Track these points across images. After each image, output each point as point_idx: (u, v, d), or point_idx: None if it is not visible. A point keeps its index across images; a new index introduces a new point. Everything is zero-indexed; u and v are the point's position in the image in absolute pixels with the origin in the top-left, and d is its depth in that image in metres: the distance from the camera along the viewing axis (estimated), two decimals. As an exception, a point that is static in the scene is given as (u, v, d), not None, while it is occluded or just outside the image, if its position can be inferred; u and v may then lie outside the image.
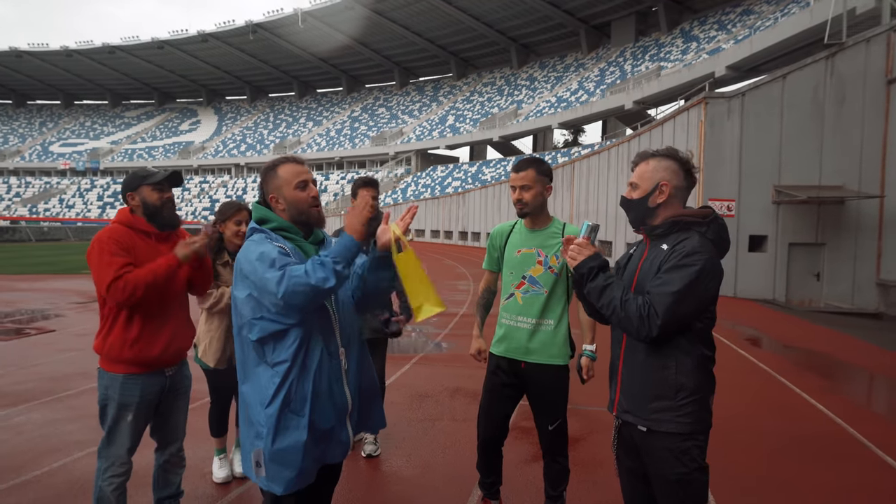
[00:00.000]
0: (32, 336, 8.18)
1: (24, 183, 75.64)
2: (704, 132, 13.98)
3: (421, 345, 7.90)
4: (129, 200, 2.73)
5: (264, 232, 2.05)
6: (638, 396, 2.03)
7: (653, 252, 2.05)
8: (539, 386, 2.93)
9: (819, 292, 14.10)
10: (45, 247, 32.82)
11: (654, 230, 2.06)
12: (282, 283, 1.86)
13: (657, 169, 2.06)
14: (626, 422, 2.09)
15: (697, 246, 1.95)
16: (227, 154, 71.67)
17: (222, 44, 70.06)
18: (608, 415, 2.17)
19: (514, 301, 2.95)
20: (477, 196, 38.68)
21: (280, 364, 1.97)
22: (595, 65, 52.25)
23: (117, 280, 2.52)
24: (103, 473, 2.66)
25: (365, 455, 3.90)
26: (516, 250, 2.96)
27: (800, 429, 4.68)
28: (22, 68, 79.92)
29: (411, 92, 71.97)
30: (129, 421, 2.65)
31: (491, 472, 3.08)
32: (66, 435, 4.32)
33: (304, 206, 2.09)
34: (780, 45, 27.30)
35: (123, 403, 2.64)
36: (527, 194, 2.88)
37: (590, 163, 23.92)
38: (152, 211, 2.71)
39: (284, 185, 2.09)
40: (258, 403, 1.97)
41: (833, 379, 6.86)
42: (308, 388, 1.97)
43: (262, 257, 1.93)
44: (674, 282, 1.90)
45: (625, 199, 2.14)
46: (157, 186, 2.72)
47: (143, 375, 2.67)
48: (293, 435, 1.94)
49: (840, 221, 13.77)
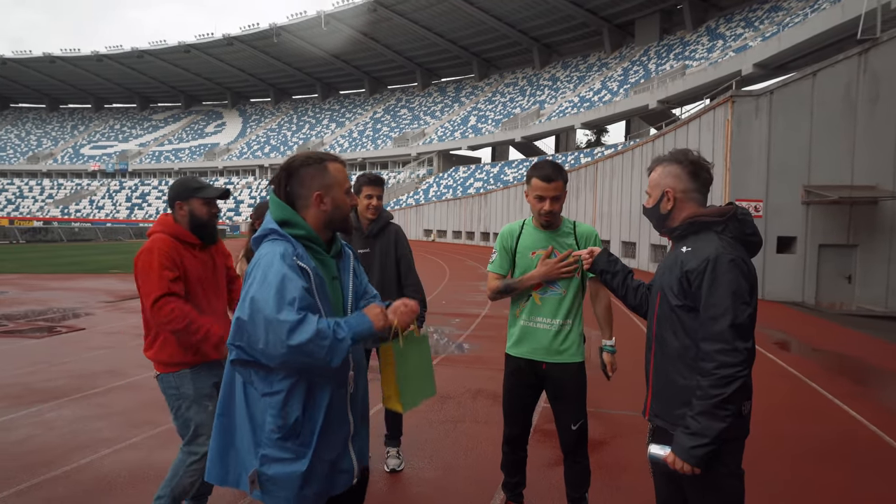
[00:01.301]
0: (63, 334, 8.37)
1: (57, 185, 77.63)
2: (731, 131, 13.73)
3: (443, 346, 7.89)
4: (176, 209, 2.74)
5: (287, 239, 1.81)
6: (668, 401, 2.01)
7: (673, 255, 2.08)
8: (561, 385, 2.90)
9: (850, 295, 13.73)
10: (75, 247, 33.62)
11: (673, 232, 2.09)
12: (296, 333, 1.64)
13: (662, 176, 2.09)
14: (659, 427, 2.06)
15: (712, 251, 1.93)
16: (252, 155, 72.64)
17: (247, 46, 71.03)
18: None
19: (531, 303, 2.92)
20: (499, 197, 38.57)
21: (273, 395, 1.76)
22: (618, 64, 51.74)
23: (166, 302, 2.55)
24: (187, 466, 2.71)
25: (388, 470, 3.77)
26: (530, 252, 2.92)
27: (830, 434, 4.54)
28: (54, 73, 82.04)
29: (433, 93, 72.10)
30: (210, 410, 2.66)
31: (516, 472, 3.06)
32: (94, 432, 4.41)
33: (348, 212, 1.97)
34: (809, 41, 26.72)
35: (200, 394, 2.68)
36: (557, 205, 2.86)
37: (613, 163, 23.68)
38: (198, 224, 2.73)
39: (336, 186, 1.92)
40: (256, 421, 1.79)
41: (865, 384, 6.67)
42: (319, 420, 1.80)
43: (282, 286, 1.68)
44: (717, 306, 1.87)
45: (644, 207, 2.21)
46: (208, 202, 2.74)
47: (206, 365, 2.72)
48: (292, 465, 1.77)
49: (873, 222, 13.40)
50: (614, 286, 2.40)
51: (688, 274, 1.94)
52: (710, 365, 1.86)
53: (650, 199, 2.15)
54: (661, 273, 2.10)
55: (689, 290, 1.94)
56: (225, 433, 1.86)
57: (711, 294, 1.89)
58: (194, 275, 2.74)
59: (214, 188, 2.80)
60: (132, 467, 3.77)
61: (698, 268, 1.92)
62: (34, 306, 11.00)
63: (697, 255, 1.96)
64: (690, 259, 1.97)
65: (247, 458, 1.81)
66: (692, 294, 1.94)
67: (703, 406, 1.84)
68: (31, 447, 4.08)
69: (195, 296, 2.73)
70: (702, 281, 1.91)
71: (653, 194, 2.13)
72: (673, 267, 2.02)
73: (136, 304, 11.77)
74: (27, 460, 3.84)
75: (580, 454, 2.91)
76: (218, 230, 2.87)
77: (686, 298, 1.95)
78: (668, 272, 2.04)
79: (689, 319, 1.95)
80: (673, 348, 1.99)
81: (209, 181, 27.43)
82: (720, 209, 2.02)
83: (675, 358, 1.98)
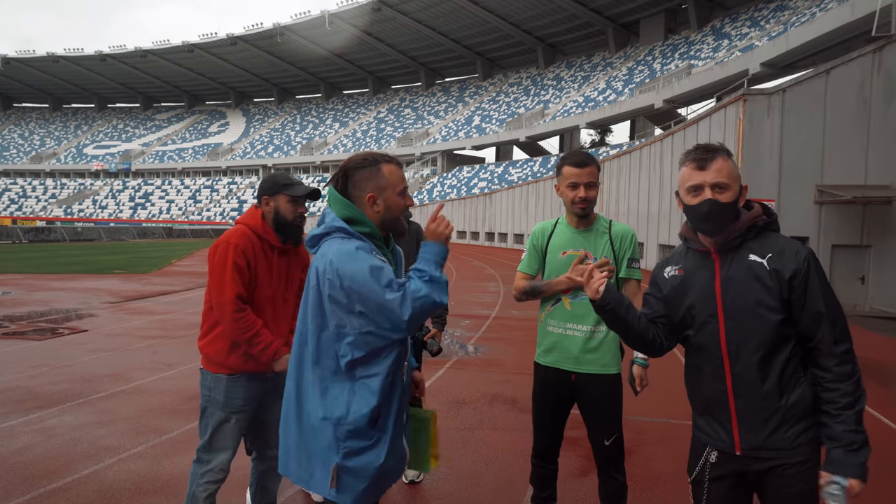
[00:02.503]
0: (66, 336, 8.20)
1: (60, 184, 77.71)
2: (743, 130, 13.52)
3: (455, 349, 7.71)
4: (263, 204, 2.64)
5: (357, 237, 1.87)
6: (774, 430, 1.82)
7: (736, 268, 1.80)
8: (592, 398, 2.71)
9: (864, 296, 13.51)
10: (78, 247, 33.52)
11: (732, 242, 1.82)
12: (405, 305, 1.73)
13: (735, 168, 1.83)
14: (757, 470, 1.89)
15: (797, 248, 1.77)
16: (255, 155, 72.60)
17: (251, 46, 71.02)
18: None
19: (561, 307, 2.72)
20: (504, 196, 38.39)
21: (372, 377, 1.83)
22: (623, 63, 51.54)
23: (235, 306, 2.50)
24: (200, 478, 2.58)
25: (407, 482, 3.59)
26: (561, 252, 2.73)
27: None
28: (58, 72, 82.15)
29: (437, 93, 71.98)
30: (231, 424, 2.59)
31: (547, 486, 2.87)
32: (97, 440, 4.23)
33: (399, 213, 1.97)
34: (818, 40, 26.51)
35: (228, 406, 2.58)
36: (592, 192, 2.67)
37: (620, 162, 23.49)
38: (282, 223, 2.62)
39: (390, 188, 1.92)
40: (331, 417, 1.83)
41: (891, 387, 6.47)
42: (395, 405, 1.88)
43: (377, 274, 1.75)
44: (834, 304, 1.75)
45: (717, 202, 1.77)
46: (294, 200, 2.62)
47: (246, 376, 2.59)
48: (373, 453, 1.82)
49: (888, 222, 13.17)
50: (630, 319, 1.91)
51: (791, 281, 1.74)
52: (850, 366, 1.72)
53: (727, 193, 1.79)
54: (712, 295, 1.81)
55: (791, 297, 1.75)
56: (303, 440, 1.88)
57: (826, 292, 1.75)
58: (264, 279, 2.62)
59: (303, 186, 2.66)
60: (137, 478, 3.60)
61: (801, 270, 1.74)
62: (36, 307, 10.84)
63: (787, 257, 1.76)
64: (782, 263, 1.76)
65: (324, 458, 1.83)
66: (793, 300, 1.75)
67: (859, 410, 1.70)
68: (32, 456, 3.91)
69: (259, 302, 2.61)
70: (806, 283, 1.74)
71: (733, 187, 1.80)
72: (751, 282, 1.77)
73: (141, 305, 11.63)
74: (27, 471, 3.66)
75: (617, 470, 2.72)
76: (302, 234, 2.65)
77: (785, 310, 1.76)
78: (742, 289, 1.78)
79: (788, 331, 1.77)
80: (773, 371, 1.77)
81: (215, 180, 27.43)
82: (761, 207, 1.86)
83: (777, 380, 1.77)
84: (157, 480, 3.57)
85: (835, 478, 1.68)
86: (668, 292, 1.94)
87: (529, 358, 2.90)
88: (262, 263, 2.61)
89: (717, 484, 1.87)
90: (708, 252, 1.86)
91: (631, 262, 2.74)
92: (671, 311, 1.94)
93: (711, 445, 1.87)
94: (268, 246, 2.62)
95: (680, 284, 1.91)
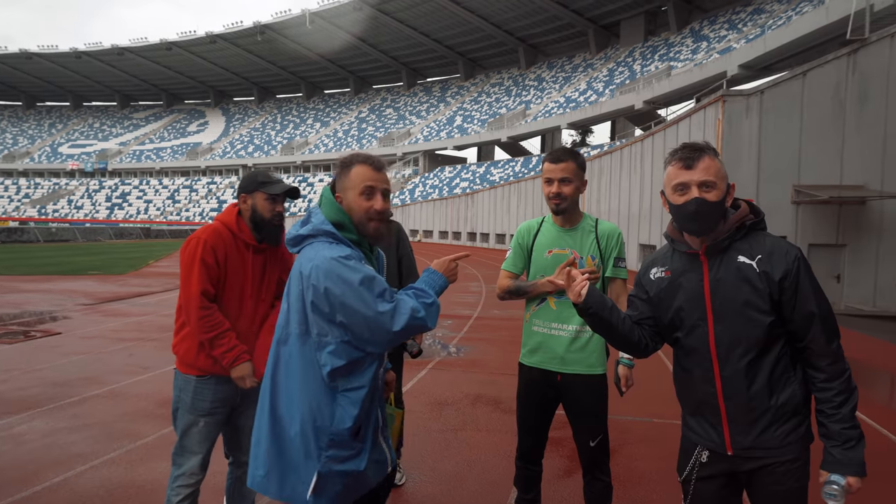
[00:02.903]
0: (38, 339, 7.99)
1: (34, 184, 76.07)
2: (722, 130, 13.68)
3: (436, 349, 7.66)
4: (241, 202, 2.58)
5: (346, 243, 1.81)
6: (765, 429, 1.81)
7: (724, 270, 1.76)
8: (577, 399, 2.68)
9: (839, 295, 13.74)
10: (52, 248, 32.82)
11: (721, 244, 1.77)
12: (398, 319, 1.70)
13: (721, 167, 1.78)
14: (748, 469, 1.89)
15: (786, 247, 1.74)
16: (235, 155, 71.79)
17: (230, 45, 70.22)
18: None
19: (546, 307, 2.69)
20: (485, 197, 38.44)
21: (354, 391, 1.78)
22: (604, 65, 51.93)
23: (200, 303, 2.44)
24: (172, 482, 2.53)
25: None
26: (546, 251, 2.70)
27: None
28: (32, 70, 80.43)
29: (419, 93, 71.86)
30: (200, 427, 2.52)
31: (531, 488, 2.83)
32: (68, 446, 4.10)
33: (361, 216, 1.84)
34: (794, 43, 26.96)
35: (196, 408, 2.51)
36: (566, 188, 2.62)
37: (601, 163, 23.63)
38: (259, 221, 2.56)
39: (351, 189, 1.86)
40: (312, 426, 1.77)
41: (869, 385, 6.56)
42: (374, 414, 1.85)
43: (368, 284, 1.70)
44: (824, 301, 1.74)
45: (705, 201, 1.72)
46: (272, 198, 2.55)
47: (216, 378, 2.52)
48: (354, 462, 1.79)
49: (862, 222, 13.41)
50: (613, 322, 1.87)
51: (782, 283, 1.71)
52: (842, 364, 1.72)
53: (715, 192, 1.74)
54: (701, 297, 1.78)
55: (782, 298, 1.72)
56: (279, 449, 1.81)
57: (817, 291, 1.73)
58: (235, 277, 2.54)
59: (282, 184, 2.60)
60: (110, 485, 3.48)
61: (791, 271, 1.71)
62: (8, 309, 10.56)
63: (777, 258, 1.73)
64: (772, 265, 1.72)
65: (303, 466, 1.76)
66: (783, 303, 1.73)
67: (853, 406, 1.71)
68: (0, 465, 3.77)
69: (230, 300, 2.54)
70: (797, 284, 1.71)
71: (720, 185, 1.75)
72: (740, 284, 1.74)
73: (116, 307, 11.38)
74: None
75: (601, 471, 2.70)
76: (281, 234, 2.60)
77: (775, 311, 1.73)
78: (731, 291, 1.75)
79: (779, 331, 1.74)
80: (762, 372, 1.75)
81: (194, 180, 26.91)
82: (747, 206, 1.82)
83: (766, 380, 1.75)
84: (130, 487, 3.47)
85: (833, 476, 1.68)
86: (655, 294, 1.90)
87: (512, 358, 2.86)
88: (234, 261, 2.54)
89: (706, 483, 1.86)
90: (696, 254, 1.82)
91: (617, 262, 2.71)
92: (659, 313, 1.91)
93: (703, 445, 1.85)
94: (242, 244, 2.56)
95: (667, 286, 1.87)
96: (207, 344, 2.47)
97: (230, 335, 2.48)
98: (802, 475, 1.73)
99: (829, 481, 1.68)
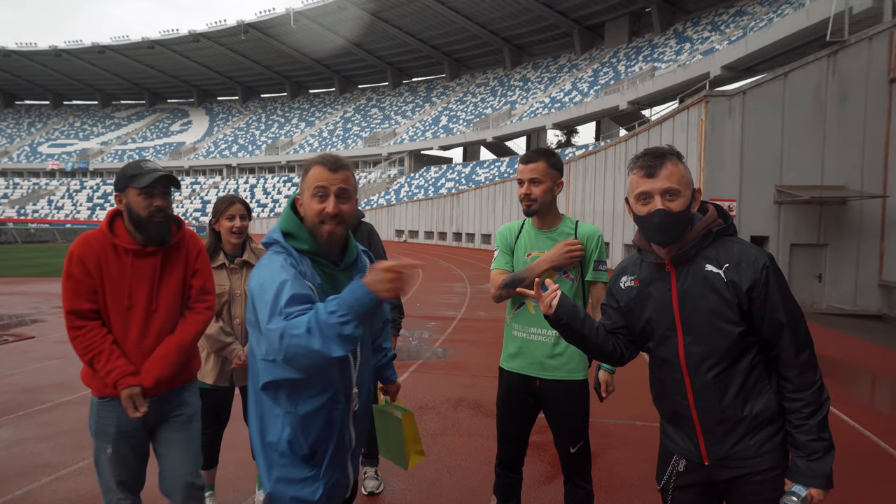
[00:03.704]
0: (9, 343, 7.78)
1: (12, 184, 74.74)
2: (705, 131, 13.74)
3: (419, 351, 7.57)
4: (117, 202, 2.27)
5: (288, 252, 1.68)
6: (738, 440, 1.77)
7: (691, 280, 1.69)
8: (558, 404, 2.62)
9: (821, 294, 13.88)
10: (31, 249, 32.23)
11: (687, 253, 1.70)
12: (283, 341, 1.52)
13: (685, 172, 1.71)
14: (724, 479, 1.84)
15: (755, 255, 1.66)
16: (219, 155, 71.11)
17: (214, 44, 69.54)
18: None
19: (525, 311, 2.63)
20: (471, 197, 38.41)
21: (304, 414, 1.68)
22: (588, 65, 52.16)
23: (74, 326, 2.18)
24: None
25: (367, 493, 3.42)
26: (526, 253, 2.65)
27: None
28: (10, 68, 79.04)
29: (404, 92, 71.69)
30: (108, 454, 2.23)
31: (510, 496, 2.77)
32: (35, 456, 3.96)
33: (314, 219, 1.72)
34: (775, 44, 27.23)
35: (99, 433, 2.25)
36: (536, 189, 2.56)
37: (586, 163, 23.68)
38: (138, 221, 2.22)
39: (306, 190, 1.74)
40: (264, 440, 1.73)
41: (849, 384, 6.59)
42: (332, 442, 1.72)
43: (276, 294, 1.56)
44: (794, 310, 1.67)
45: (669, 213, 1.65)
46: (145, 192, 2.19)
47: (118, 400, 2.20)
48: (308, 489, 1.70)
49: (842, 222, 13.56)
50: (586, 332, 1.82)
51: (750, 292, 1.65)
52: (812, 374, 1.66)
53: (679, 200, 1.65)
54: (670, 308, 1.72)
55: (751, 308, 1.66)
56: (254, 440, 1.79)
57: (786, 300, 1.66)
58: (116, 287, 2.20)
59: (152, 174, 2.21)
60: (76, 497, 3.36)
61: (759, 279, 1.64)
62: (-19, 313, 10.31)
63: (745, 266, 1.66)
64: (739, 274, 1.66)
65: (266, 482, 1.74)
66: (753, 312, 1.67)
67: (822, 418, 1.65)
68: (-39, 475, 3.63)
69: (114, 314, 2.21)
70: (766, 292, 1.64)
71: (684, 193, 1.66)
72: (706, 293, 1.67)
73: (94, 309, 11.15)
74: (-46, 491, 3.39)
75: (582, 478, 2.64)
76: (169, 231, 2.28)
77: (745, 320, 1.67)
78: (698, 301, 1.68)
79: (749, 340, 1.69)
80: (733, 383, 1.69)
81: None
82: (715, 210, 1.75)
83: (738, 391, 1.69)
84: (97, 499, 3.33)
85: (795, 487, 1.63)
86: (626, 304, 1.85)
87: (495, 360, 2.80)
88: (112, 270, 2.20)
89: (684, 492, 1.82)
90: (663, 263, 1.76)
91: (598, 265, 2.66)
92: (630, 322, 1.86)
93: (679, 454, 1.80)
94: (121, 249, 2.22)
95: (637, 296, 1.82)
96: (87, 366, 2.22)
97: (108, 355, 2.16)
98: (780, 484, 1.69)
99: (790, 492, 1.64)
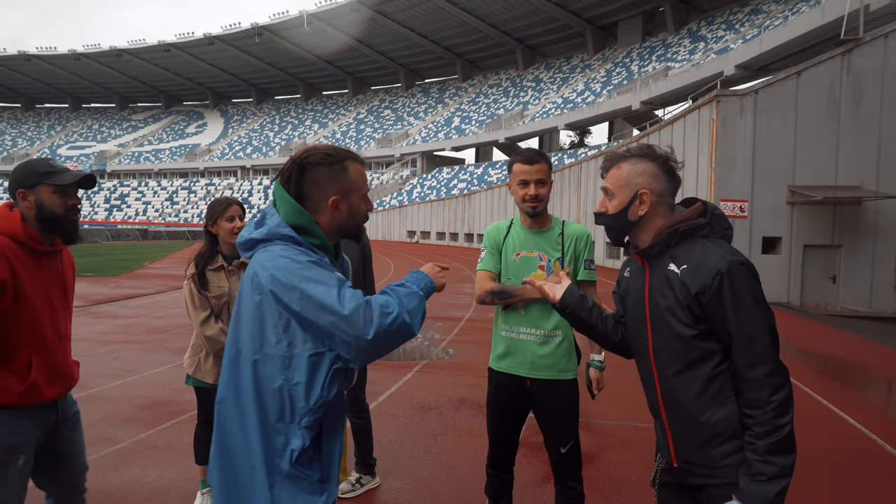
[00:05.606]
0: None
1: (32, 186, 75.89)
2: (716, 131, 13.63)
3: (424, 351, 7.60)
4: (20, 199, 2.08)
5: (307, 248, 1.58)
6: (701, 445, 1.73)
7: (657, 276, 1.71)
8: (548, 404, 2.63)
9: (835, 296, 13.71)
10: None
11: (650, 250, 1.72)
12: (372, 322, 1.46)
13: (633, 174, 1.72)
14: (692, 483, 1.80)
15: (716, 261, 1.61)
16: (234, 156, 71.74)
17: (228, 46, 70.18)
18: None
19: (513, 311, 2.63)
20: (483, 198, 38.38)
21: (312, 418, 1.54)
22: (601, 65, 51.90)
23: None
24: None
25: (341, 494, 3.35)
26: (514, 253, 2.65)
27: (827, 443, 4.33)
28: (30, 72, 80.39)
29: (417, 94, 71.82)
30: (19, 467, 2.06)
31: (501, 496, 2.78)
32: None
33: (362, 220, 1.73)
34: (790, 43, 26.91)
35: (11, 446, 2.03)
36: (542, 190, 2.59)
37: (598, 163, 23.57)
38: (50, 219, 2.08)
39: (356, 191, 1.68)
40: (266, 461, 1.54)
41: (860, 388, 6.51)
42: (337, 449, 1.63)
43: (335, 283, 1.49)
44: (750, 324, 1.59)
45: (599, 214, 1.78)
46: (62, 190, 2.08)
47: (35, 408, 2.07)
48: (318, 491, 1.57)
49: (857, 223, 13.38)
50: (593, 321, 1.92)
51: (699, 296, 1.62)
52: (765, 393, 1.56)
53: (614, 203, 1.74)
54: (642, 301, 1.75)
55: (704, 313, 1.63)
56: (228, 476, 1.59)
57: (739, 312, 1.59)
58: (33, 293, 2.06)
59: (71, 173, 2.14)
60: (80, 492, 3.42)
61: (711, 286, 1.60)
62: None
63: (700, 270, 1.63)
64: (692, 277, 1.63)
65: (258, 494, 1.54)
66: (707, 317, 1.63)
67: (773, 442, 1.55)
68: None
69: (33, 316, 2.07)
70: (719, 300, 1.60)
71: (619, 196, 1.73)
72: (665, 291, 1.68)
73: (106, 309, 11.31)
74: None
75: (573, 479, 2.64)
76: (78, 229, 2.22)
77: (700, 324, 1.64)
78: (658, 297, 1.70)
79: (707, 346, 1.65)
80: (692, 386, 1.67)
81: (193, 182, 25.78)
82: (695, 209, 1.72)
83: (696, 395, 1.67)
84: (100, 494, 3.41)
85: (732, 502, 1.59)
86: (622, 294, 1.92)
87: (499, 361, 2.81)
88: (29, 274, 2.06)
89: (666, 490, 1.83)
90: (636, 258, 1.82)
91: (588, 264, 2.67)
92: (625, 312, 1.92)
93: (661, 452, 1.83)
94: (34, 251, 2.09)
95: (627, 287, 1.88)
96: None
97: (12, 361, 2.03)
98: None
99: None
